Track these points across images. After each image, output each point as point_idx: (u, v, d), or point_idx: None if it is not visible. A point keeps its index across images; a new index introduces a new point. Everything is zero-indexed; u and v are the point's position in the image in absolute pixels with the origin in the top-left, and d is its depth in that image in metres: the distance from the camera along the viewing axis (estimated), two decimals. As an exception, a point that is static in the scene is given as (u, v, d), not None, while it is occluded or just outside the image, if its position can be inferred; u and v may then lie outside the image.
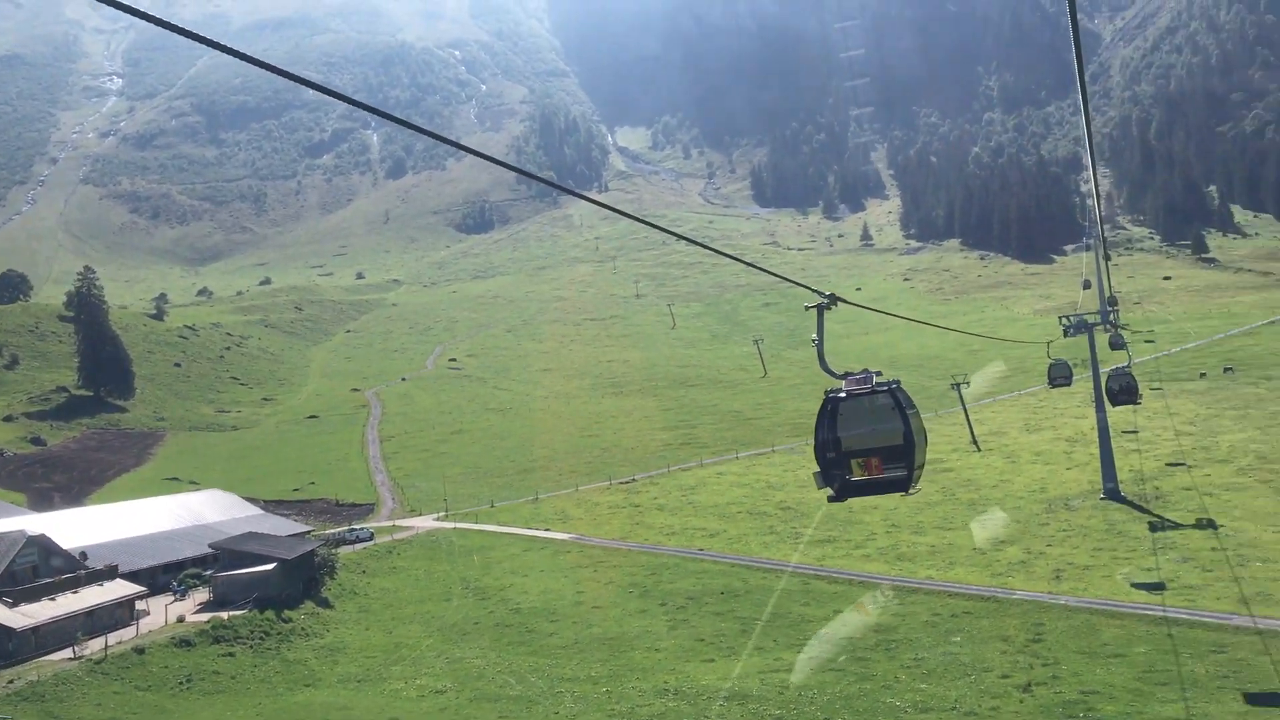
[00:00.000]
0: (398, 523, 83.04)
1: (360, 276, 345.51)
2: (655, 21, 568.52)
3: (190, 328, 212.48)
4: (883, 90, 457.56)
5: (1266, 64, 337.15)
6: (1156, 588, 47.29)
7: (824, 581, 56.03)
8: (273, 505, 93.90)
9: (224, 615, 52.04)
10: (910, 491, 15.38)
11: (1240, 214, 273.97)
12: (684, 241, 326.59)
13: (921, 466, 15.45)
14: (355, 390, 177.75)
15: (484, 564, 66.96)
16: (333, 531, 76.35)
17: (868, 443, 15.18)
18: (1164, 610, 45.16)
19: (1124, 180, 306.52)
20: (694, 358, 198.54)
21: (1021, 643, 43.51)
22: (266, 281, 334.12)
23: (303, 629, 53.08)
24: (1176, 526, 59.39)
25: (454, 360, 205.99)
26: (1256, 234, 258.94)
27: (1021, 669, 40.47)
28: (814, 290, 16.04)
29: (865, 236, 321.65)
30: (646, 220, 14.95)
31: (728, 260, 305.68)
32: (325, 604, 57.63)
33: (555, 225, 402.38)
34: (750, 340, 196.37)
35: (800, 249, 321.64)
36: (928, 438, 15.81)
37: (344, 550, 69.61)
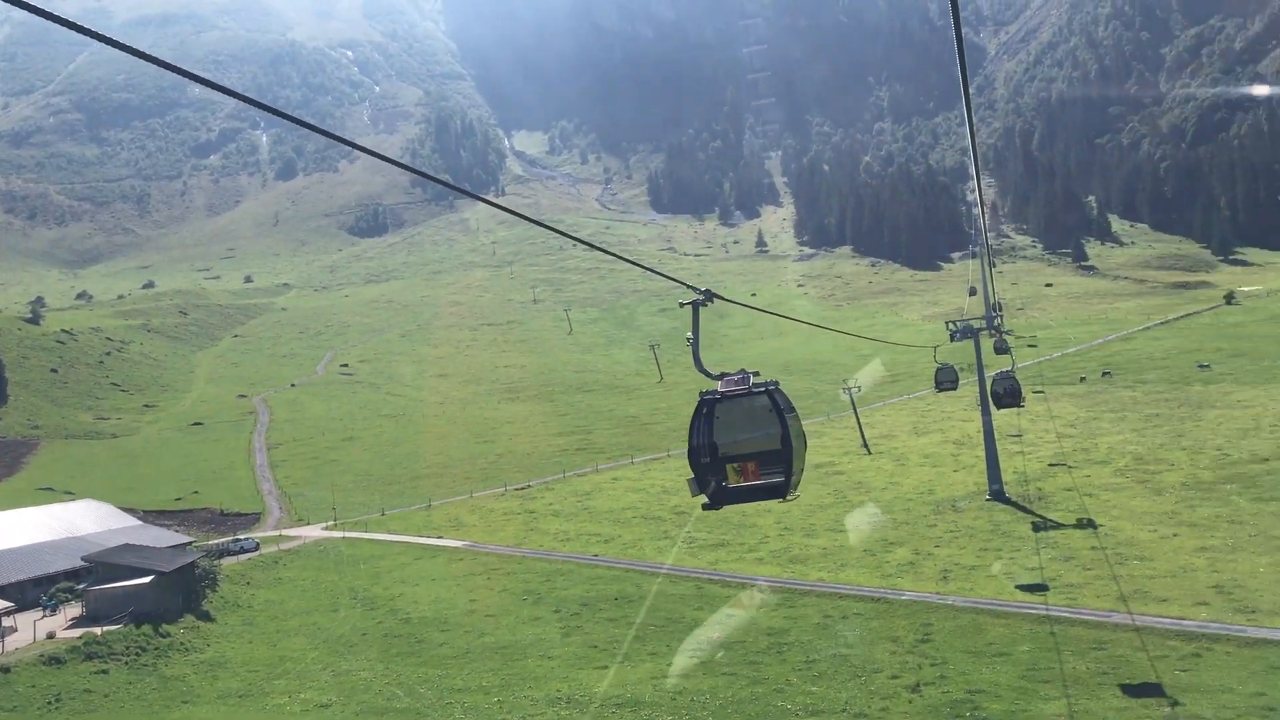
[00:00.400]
0: (284, 532, 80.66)
1: (248, 280, 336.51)
2: (553, 26, 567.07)
3: (68, 332, 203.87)
4: (777, 99, 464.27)
5: (1141, 78, 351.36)
6: (1039, 589, 48.29)
7: (717, 585, 56.04)
8: (153, 516, 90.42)
9: (97, 631, 49.50)
10: (789, 498, 14.76)
11: (1118, 223, 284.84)
12: (581, 247, 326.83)
13: (801, 471, 14.90)
14: (242, 397, 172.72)
15: (373, 573, 65.36)
16: (216, 542, 73.79)
17: (744, 447, 14.50)
18: (1047, 609, 46.23)
19: (1008, 190, 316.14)
20: (590, 363, 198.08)
21: (910, 643, 44.03)
22: (150, 285, 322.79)
23: (182, 644, 50.95)
24: (1058, 526, 61.00)
25: (346, 366, 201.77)
26: (1133, 243, 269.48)
27: (910, 669, 40.92)
28: (690, 286, 15.60)
29: (760, 243, 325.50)
30: (543, 223, 14.55)
31: (624, 266, 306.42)
32: (206, 617, 55.45)
33: (451, 229, 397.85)
34: (647, 345, 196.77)
35: (697, 255, 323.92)
36: (807, 442, 15.30)
37: (227, 561, 67.24)
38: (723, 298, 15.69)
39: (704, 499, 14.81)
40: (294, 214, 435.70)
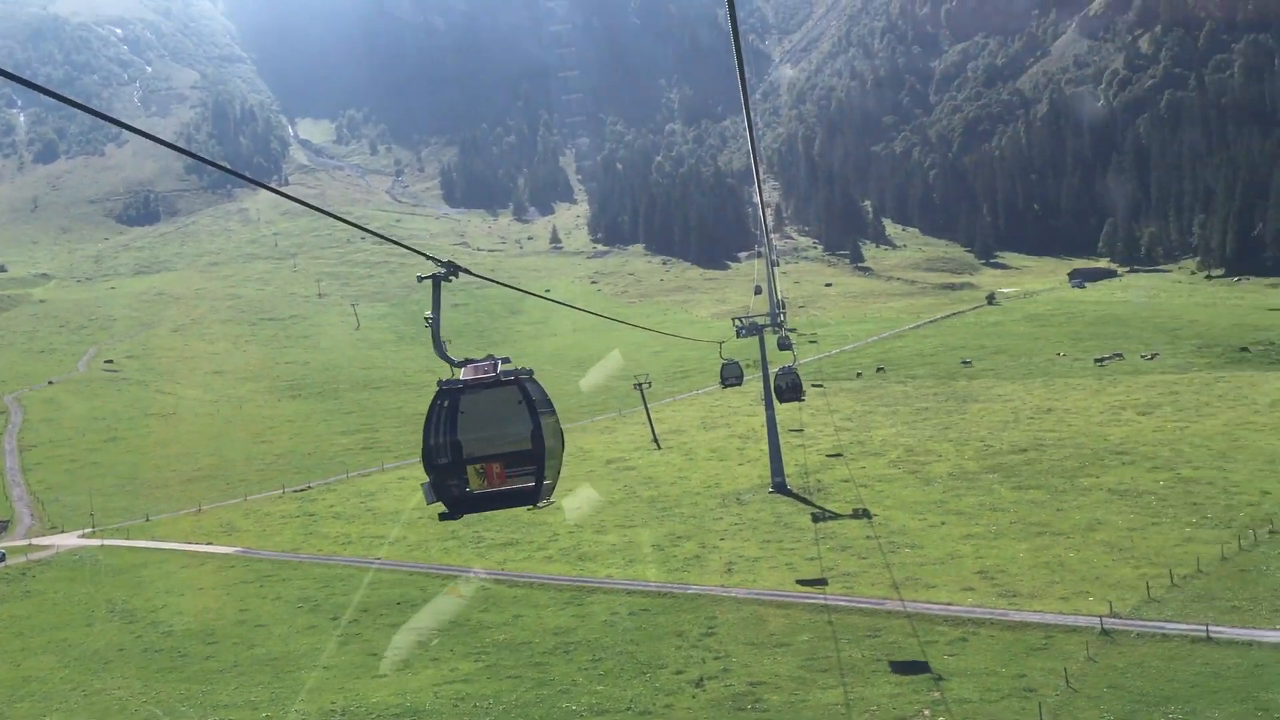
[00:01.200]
0: (34, 541, 74.16)
1: (2, 269, 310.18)
2: (340, 11, 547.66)
3: None
4: (572, 97, 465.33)
5: (913, 90, 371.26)
6: (819, 582, 49.37)
7: (504, 586, 54.92)
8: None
9: None
10: (540, 504, 12.74)
11: (891, 227, 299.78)
12: (370, 240, 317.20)
13: (557, 474, 13.00)
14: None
15: (134, 584, 60.78)
16: (-49, 556, 66.94)
17: (489, 446, 12.43)
18: (825, 599, 47.44)
19: (791, 193, 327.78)
20: (378, 359, 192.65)
21: (695, 637, 44.24)
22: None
23: (-98, 671, 45.80)
24: (836, 517, 63.01)
25: (110, 362, 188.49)
26: (904, 246, 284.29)
27: (695, 664, 41.05)
28: (431, 258, 14.10)
29: (555, 239, 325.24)
30: (330, 212, 13.10)
31: (414, 259, 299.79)
32: (-66, 640, 50.14)
33: (229, 219, 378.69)
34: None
35: (491, 250, 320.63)
36: (564, 441, 13.46)
37: (-37, 577, 61.17)
38: (469, 271, 13.91)
39: (441, 507, 12.82)
40: (55, 199, 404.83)
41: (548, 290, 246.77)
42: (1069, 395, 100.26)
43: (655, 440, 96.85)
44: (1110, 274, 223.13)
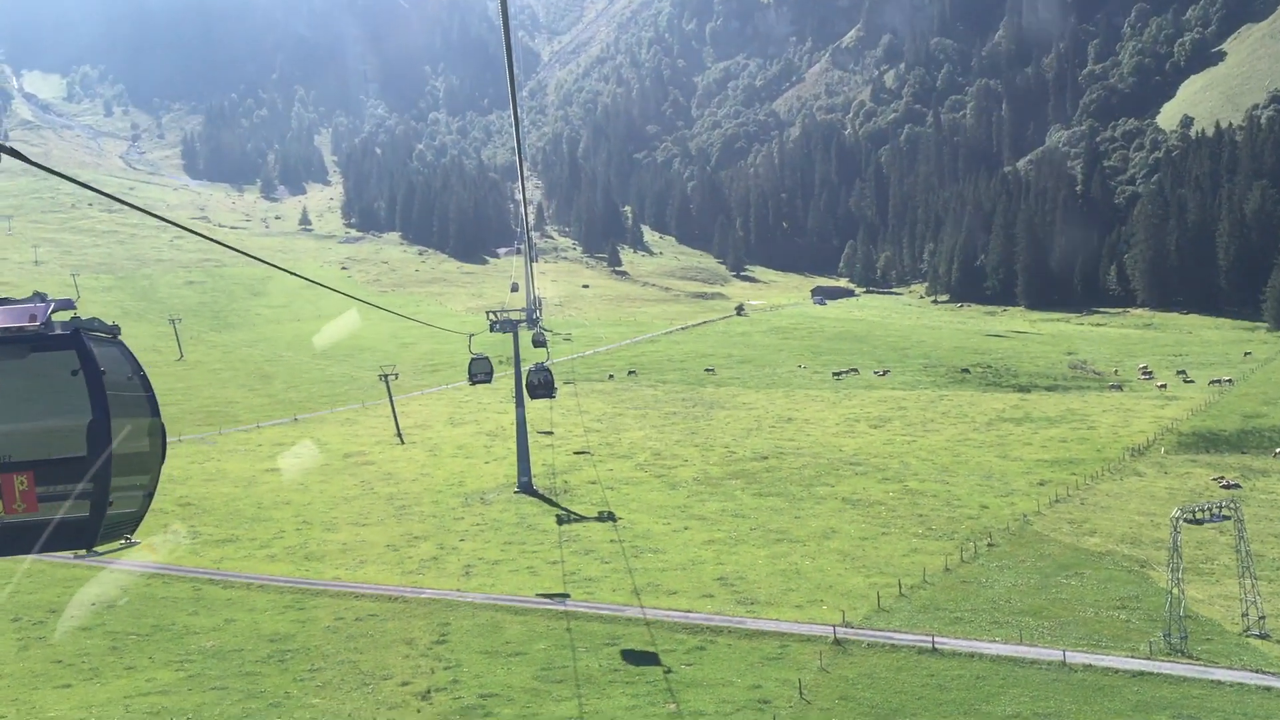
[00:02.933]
0: None
1: None
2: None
3: None
4: (330, 74, 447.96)
5: (676, 103, 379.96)
6: (561, 597, 47.49)
7: (218, 587, 50.25)
8: None
9: None
10: (100, 547, 7.84)
11: (649, 234, 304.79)
12: (98, 206, 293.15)
13: (147, 499, 8.21)
14: None
15: None
16: None
17: (7, 446, 7.40)
18: (565, 604, 45.88)
19: (554, 193, 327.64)
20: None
21: (425, 645, 41.62)
22: None
23: None
24: (581, 519, 61.78)
25: None
26: (661, 253, 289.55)
27: (423, 674, 38.48)
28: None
29: (304, 221, 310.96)
30: (59, 173, 9.69)
31: (147, 231, 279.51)
32: None
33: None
34: (167, 319, 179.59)
35: (234, 227, 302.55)
36: (165, 447, 8.44)
37: None
38: (22, 157, 7.87)
39: None
40: None
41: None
42: (809, 406, 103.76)
43: (399, 434, 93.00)
44: (849, 293, 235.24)
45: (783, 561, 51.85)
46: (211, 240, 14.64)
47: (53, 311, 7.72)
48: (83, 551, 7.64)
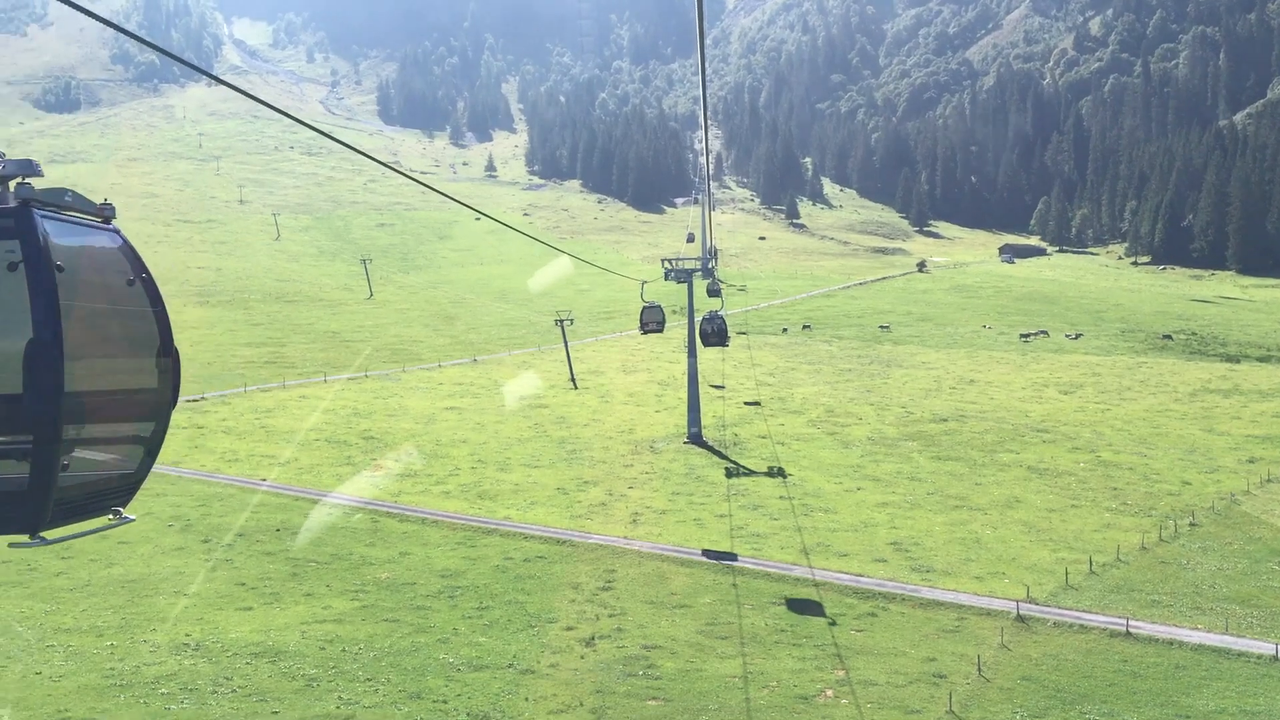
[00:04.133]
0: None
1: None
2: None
3: None
4: (519, 22, 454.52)
5: (863, 51, 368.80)
6: (728, 557, 46.18)
7: (395, 520, 51.59)
8: None
9: None
10: (38, 536, 4.87)
11: (829, 186, 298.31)
12: (299, 149, 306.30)
13: (150, 455, 5.65)
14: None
15: (-7, 488, 56.16)
16: None
17: None
18: (732, 559, 45.02)
19: (733, 143, 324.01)
20: (296, 273, 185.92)
21: (591, 590, 41.52)
22: None
23: None
24: (750, 473, 60.70)
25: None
26: (841, 206, 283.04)
27: (588, 620, 38.35)
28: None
29: (490, 167, 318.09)
30: (279, 109, 9.16)
31: (344, 174, 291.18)
32: None
33: (154, 115, 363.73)
34: (359, 259, 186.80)
35: (424, 173, 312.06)
36: (179, 381, 5.66)
37: None
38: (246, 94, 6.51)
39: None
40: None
41: (477, 219, 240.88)
42: (992, 368, 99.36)
43: (572, 379, 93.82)
44: (1040, 251, 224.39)
45: (961, 530, 49.52)
46: (417, 181, 13.97)
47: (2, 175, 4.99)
48: (24, 539, 4.82)
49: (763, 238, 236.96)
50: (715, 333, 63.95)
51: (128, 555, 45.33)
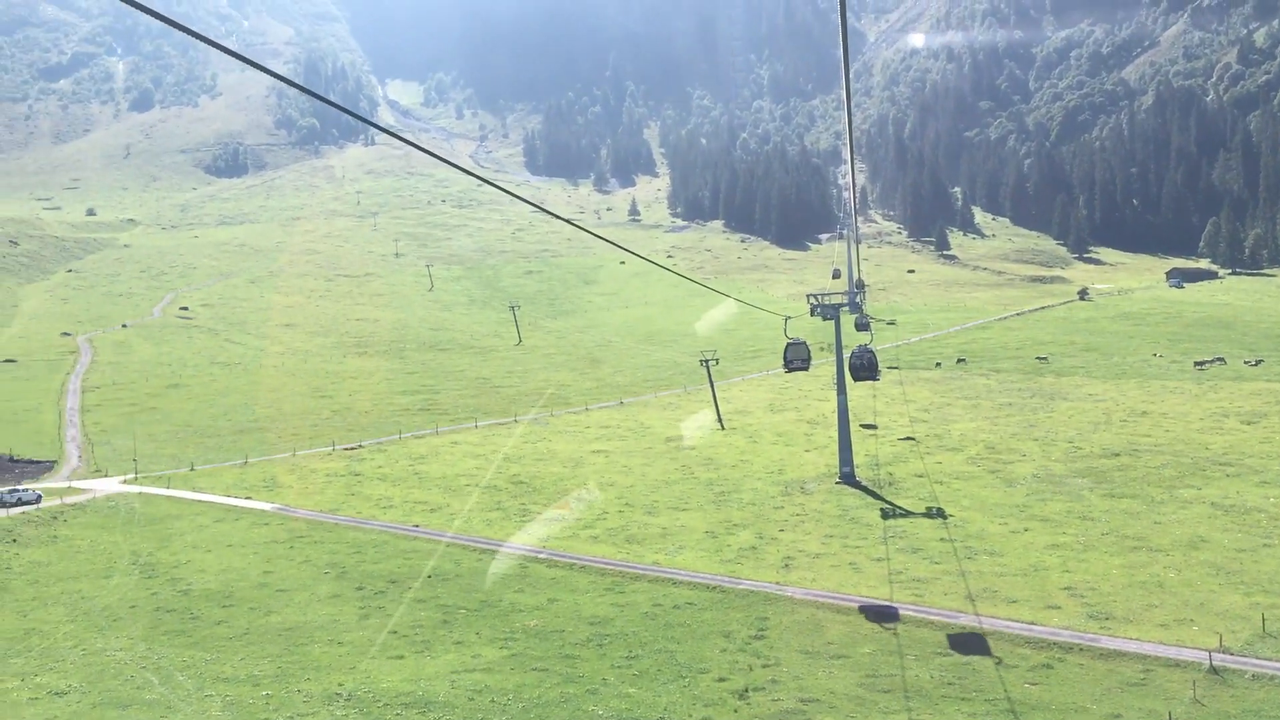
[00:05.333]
0: (75, 484, 72.24)
1: (91, 213, 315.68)
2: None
3: None
4: (659, 68, 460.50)
5: (1012, 76, 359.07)
6: (890, 616, 42.29)
7: (543, 565, 51.09)
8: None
9: None
10: None
11: (980, 215, 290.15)
12: (450, 202, 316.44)
13: None
14: (66, 335, 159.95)
15: (163, 536, 58.23)
16: (-14, 493, 65.02)
17: None
18: (891, 605, 42.75)
19: (878, 176, 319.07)
20: (448, 321, 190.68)
21: (743, 639, 39.92)
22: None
23: (-97, 614, 43.36)
24: (907, 514, 58.10)
25: (185, 309, 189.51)
26: (994, 235, 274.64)
27: (740, 670, 36.77)
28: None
29: (634, 211, 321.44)
30: (441, 157, 8.87)
31: (492, 225, 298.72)
32: (-53, 582, 47.82)
33: (315, 175, 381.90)
34: (508, 306, 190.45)
35: (568, 220, 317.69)
36: None
37: (-5, 516, 59.32)
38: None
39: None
40: (147, 147, 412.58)
41: (622, 263, 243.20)
42: (1166, 399, 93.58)
43: (719, 420, 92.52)
44: (1210, 275, 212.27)
45: (1141, 572, 45.94)
46: (575, 225, 13.17)
47: None
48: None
49: (911, 270, 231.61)
50: (865, 366, 61.81)
51: (285, 603, 46.04)
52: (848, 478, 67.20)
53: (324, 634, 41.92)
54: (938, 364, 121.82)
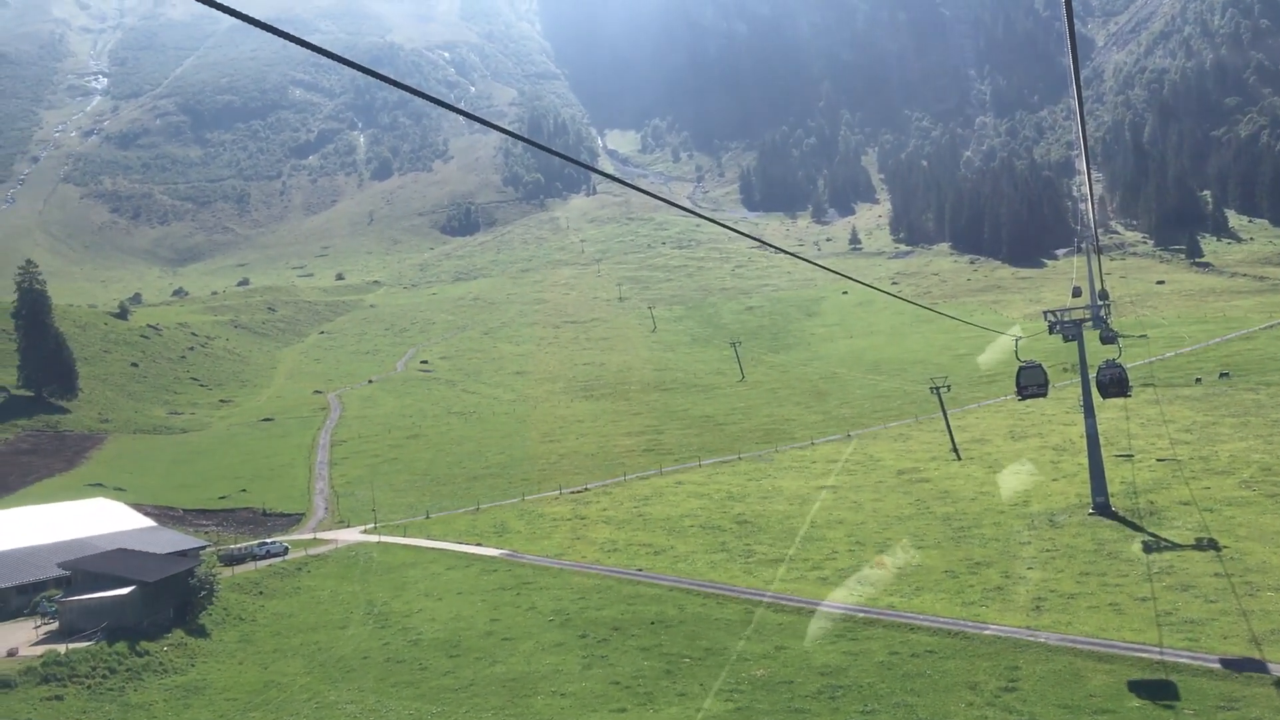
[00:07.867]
0: (320, 535, 75.57)
1: (340, 278, 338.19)
2: (646, 23, 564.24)
3: (153, 327, 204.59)
4: (874, 93, 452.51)
5: (1261, 69, 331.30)
6: (1163, 689, 35.15)
7: (770, 610, 48.74)
8: (193, 515, 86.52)
9: (61, 649, 44.23)
10: None
11: (1235, 218, 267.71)
12: (669, 244, 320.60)
13: None
14: (317, 392, 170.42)
15: (397, 584, 59.58)
16: (240, 546, 68.79)
17: None
18: (1161, 653, 37.99)
19: (1117, 184, 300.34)
20: (672, 361, 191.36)
21: (992, 692, 36.29)
22: (244, 282, 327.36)
23: (160, 664, 45.61)
24: (1174, 547, 52.27)
25: (426, 363, 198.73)
26: (1251, 239, 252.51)
27: (989, 727, 33.27)
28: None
29: (854, 240, 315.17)
30: (670, 201, 8.47)
31: (712, 263, 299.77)
32: (200, 633, 50.19)
33: (541, 228, 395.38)
34: (729, 344, 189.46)
35: (790, 252, 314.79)
36: None
37: (246, 568, 62.34)
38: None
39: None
40: (388, 213, 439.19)
41: (845, 293, 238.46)
42: None
43: (955, 450, 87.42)
44: None
45: None
46: (804, 260, 11.47)
47: None
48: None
49: (1161, 281, 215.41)
50: (1114, 382, 56.52)
51: (510, 652, 45.67)
52: (1102, 508, 61.45)
53: (547, 684, 41.12)
54: (1198, 380, 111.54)
